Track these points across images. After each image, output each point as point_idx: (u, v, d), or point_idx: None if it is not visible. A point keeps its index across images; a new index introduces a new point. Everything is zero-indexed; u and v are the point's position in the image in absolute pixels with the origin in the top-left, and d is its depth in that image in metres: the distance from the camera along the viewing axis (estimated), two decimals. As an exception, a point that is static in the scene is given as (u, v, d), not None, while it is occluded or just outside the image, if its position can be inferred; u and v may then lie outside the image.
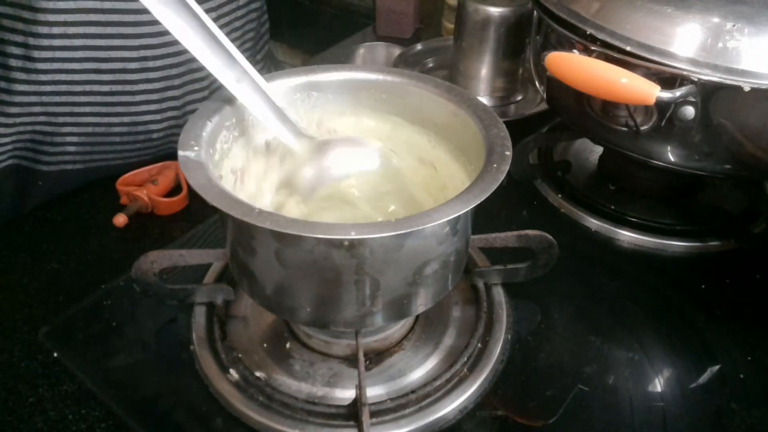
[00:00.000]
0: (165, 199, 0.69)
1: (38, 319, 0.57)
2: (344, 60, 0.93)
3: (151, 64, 0.68)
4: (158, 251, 0.52)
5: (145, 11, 0.65)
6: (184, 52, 0.69)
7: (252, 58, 0.82)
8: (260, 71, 0.86)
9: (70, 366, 0.53)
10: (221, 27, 0.71)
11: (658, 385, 0.53)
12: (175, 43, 0.68)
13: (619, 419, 0.51)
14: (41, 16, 0.62)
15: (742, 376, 0.54)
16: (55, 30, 0.63)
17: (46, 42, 0.63)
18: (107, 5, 0.63)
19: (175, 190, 0.72)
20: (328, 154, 0.52)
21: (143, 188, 0.69)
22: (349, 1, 1.22)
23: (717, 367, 0.55)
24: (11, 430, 0.49)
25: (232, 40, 0.77)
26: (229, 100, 0.51)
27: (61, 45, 0.64)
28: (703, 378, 0.54)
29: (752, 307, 0.61)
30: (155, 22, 0.66)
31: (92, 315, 0.57)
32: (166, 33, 0.67)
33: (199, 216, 0.69)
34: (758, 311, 0.60)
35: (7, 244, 0.66)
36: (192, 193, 0.69)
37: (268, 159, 0.54)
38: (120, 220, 0.67)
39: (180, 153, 0.44)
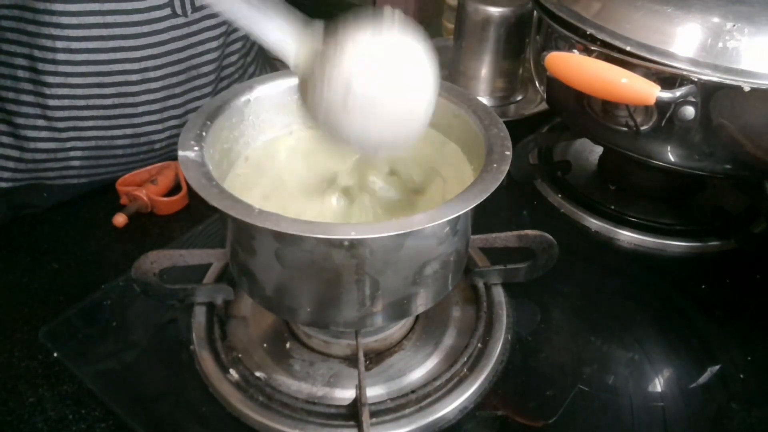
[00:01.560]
0: (165, 199, 0.69)
1: (38, 319, 0.57)
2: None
3: (152, 74, 0.68)
4: (158, 251, 0.52)
5: (146, 23, 0.65)
6: (185, 60, 0.70)
7: (243, 59, 0.82)
8: (254, 72, 0.86)
9: (70, 366, 0.53)
10: (212, 26, 0.71)
11: (658, 385, 0.53)
12: (176, 52, 0.68)
13: (619, 419, 0.51)
14: (45, 30, 0.62)
15: (742, 376, 0.54)
16: (59, 44, 0.63)
17: (50, 55, 0.63)
18: (109, 19, 0.63)
19: (174, 189, 0.72)
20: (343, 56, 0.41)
21: (143, 188, 0.69)
22: (349, 1, 1.22)
23: (717, 367, 0.55)
24: (11, 430, 0.49)
25: (234, 48, 0.77)
26: (230, 100, 0.51)
27: (65, 59, 0.64)
28: (703, 378, 0.54)
29: (752, 307, 0.61)
30: (156, 33, 0.66)
31: (92, 315, 0.57)
32: (167, 42, 0.67)
33: (198, 216, 0.69)
34: (758, 311, 0.60)
35: (7, 244, 0.66)
36: (192, 193, 0.69)
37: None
38: (120, 220, 0.67)
39: (180, 153, 0.44)
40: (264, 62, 0.91)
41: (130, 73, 0.67)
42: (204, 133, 0.47)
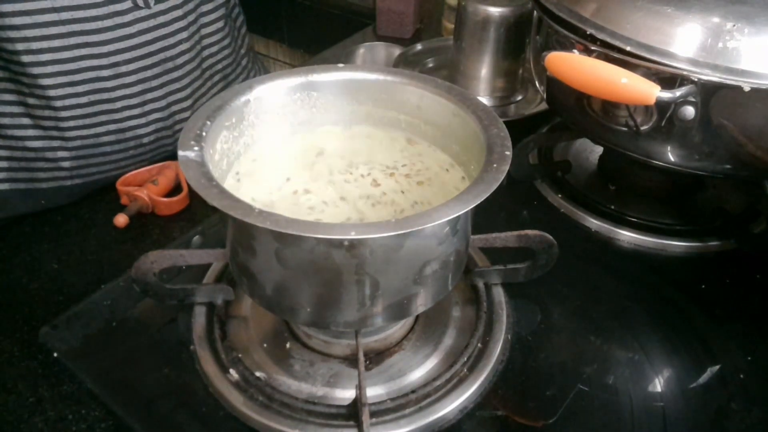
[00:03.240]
0: (165, 199, 0.69)
1: (38, 319, 0.57)
2: (344, 60, 0.93)
3: (124, 69, 0.68)
4: (158, 251, 0.52)
5: (107, 17, 0.64)
6: (158, 52, 0.69)
7: (236, 54, 0.82)
8: (245, 66, 0.86)
9: (70, 366, 0.53)
10: (179, 17, 0.71)
11: (658, 385, 0.53)
12: (146, 44, 0.68)
13: (619, 419, 0.51)
14: (2, 33, 0.61)
15: (741, 376, 0.54)
16: (19, 46, 0.62)
17: (15, 57, 0.63)
18: (65, 16, 0.62)
19: (175, 189, 0.72)
20: None
21: (144, 188, 0.69)
22: (349, 1, 1.22)
23: (717, 367, 0.55)
24: (11, 430, 0.49)
25: (212, 40, 0.77)
26: (230, 100, 0.51)
27: (30, 61, 0.63)
28: (703, 378, 0.54)
29: (752, 307, 0.61)
30: (121, 26, 0.65)
31: (92, 315, 0.57)
32: (135, 36, 0.67)
33: (199, 216, 0.69)
34: (758, 311, 0.60)
35: (7, 244, 0.66)
36: (193, 193, 0.69)
37: None
38: (121, 220, 0.67)
39: (180, 153, 0.44)
40: (254, 57, 0.91)
41: (101, 69, 0.66)
42: (204, 133, 0.47)
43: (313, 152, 0.56)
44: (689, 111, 0.54)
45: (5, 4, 0.60)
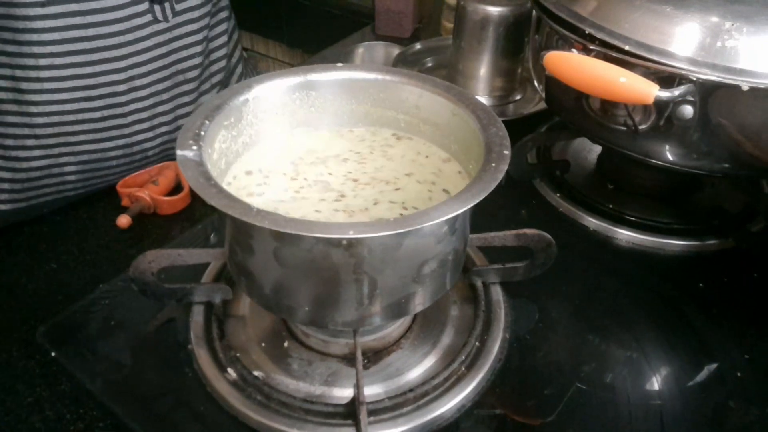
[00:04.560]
0: (168, 198, 0.69)
1: (36, 319, 0.57)
2: (343, 59, 0.93)
3: (138, 83, 0.68)
4: (156, 250, 0.52)
5: (128, 31, 0.65)
6: (171, 65, 0.70)
7: (228, 62, 0.82)
8: (240, 74, 0.86)
9: (67, 366, 0.53)
10: (194, 31, 0.71)
11: (655, 384, 0.53)
12: (161, 58, 0.69)
13: (617, 418, 0.51)
14: (26, 49, 0.61)
15: (739, 374, 0.54)
16: (42, 62, 0.62)
17: (33, 74, 0.63)
18: (92, 32, 0.63)
19: (175, 189, 0.72)
20: None
21: (145, 189, 0.69)
22: (348, 0, 1.22)
23: (715, 365, 0.55)
24: (9, 430, 0.49)
25: (219, 55, 0.77)
26: (228, 99, 0.51)
27: (49, 76, 0.63)
28: (701, 376, 0.54)
29: (750, 306, 0.61)
30: (140, 40, 0.66)
31: (90, 315, 0.57)
32: (151, 49, 0.67)
33: (200, 215, 0.70)
34: (756, 310, 0.60)
35: (6, 244, 0.66)
36: (194, 192, 0.69)
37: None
38: (123, 221, 0.67)
39: (178, 152, 0.44)
40: (246, 63, 0.91)
41: (117, 84, 0.67)
42: (202, 133, 0.47)
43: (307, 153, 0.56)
44: (688, 110, 0.54)
45: (37, 21, 0.60)
